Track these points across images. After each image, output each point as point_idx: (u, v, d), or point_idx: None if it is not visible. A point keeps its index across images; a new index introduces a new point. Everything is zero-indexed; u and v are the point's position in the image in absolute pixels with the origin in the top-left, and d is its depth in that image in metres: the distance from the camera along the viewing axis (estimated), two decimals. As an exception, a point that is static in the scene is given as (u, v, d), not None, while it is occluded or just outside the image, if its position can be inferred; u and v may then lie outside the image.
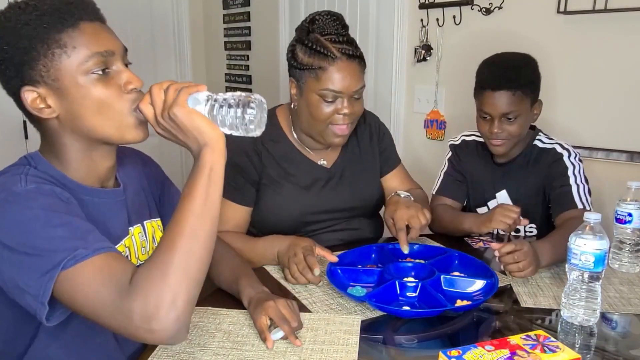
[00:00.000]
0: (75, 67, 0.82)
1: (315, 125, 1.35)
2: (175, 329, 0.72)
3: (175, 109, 0.79)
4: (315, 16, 1.34)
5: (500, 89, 1.43)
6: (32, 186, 0.80)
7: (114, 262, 0.76)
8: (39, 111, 0.84)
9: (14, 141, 2.72)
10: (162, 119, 0.81)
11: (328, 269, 1.21)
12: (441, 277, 1.18)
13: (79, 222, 0.79)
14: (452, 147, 1.68)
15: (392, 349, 1.01)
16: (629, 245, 1.31)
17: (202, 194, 0.78)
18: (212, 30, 3.67)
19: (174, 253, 0.74)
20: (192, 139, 0.81)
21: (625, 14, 1.74)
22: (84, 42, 0.82)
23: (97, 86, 0.83)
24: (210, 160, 0.79)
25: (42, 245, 0.74)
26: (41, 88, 0.83)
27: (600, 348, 1.01)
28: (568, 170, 1.47)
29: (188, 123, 0.79)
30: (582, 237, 1.03)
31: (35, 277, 0.74)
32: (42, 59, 0.81)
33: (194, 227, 0.76)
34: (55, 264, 0.73)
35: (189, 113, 0.80)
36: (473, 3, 2.14)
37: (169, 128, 0.82)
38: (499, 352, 0.85)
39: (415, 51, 2.35)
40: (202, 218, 0.77)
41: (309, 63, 1.30)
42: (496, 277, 1.18)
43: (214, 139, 0.80)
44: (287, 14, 2.98)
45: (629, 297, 1.17)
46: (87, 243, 0.76)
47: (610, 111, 1.85)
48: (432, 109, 2.37)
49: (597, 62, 1.86)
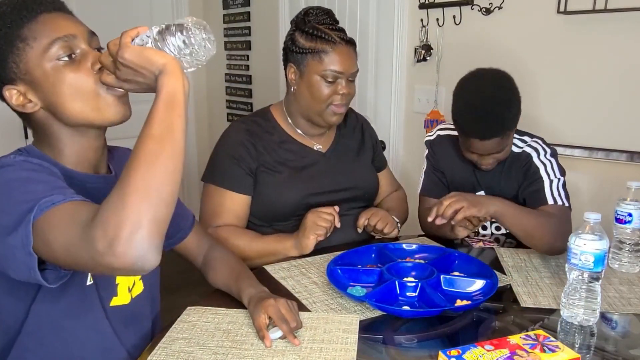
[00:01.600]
0: (40, 56, 0.84)
1: (315, 105, 1.44)
2: (141, 250, 0.68)
3: (121, 51, 0.78)
4: (309, 10, 1.46)
5: (489, 138, 1.34)
6: (20, 158, 0.82)
7: (84, 206, 0.75)
8: (22, 107, 0.87)
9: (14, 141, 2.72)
10: (118, 70, 0.80)
11: (328, 268, 1.21)
12: (441, 277, 1.18)
13: (61, 183, 0.80)
14: (428, 144, 1.63)
15: (392, 348, 1.01)
16: (628, 245, 1.31)
17: (159, 117, 0.74)
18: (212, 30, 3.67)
19: (130, 176, 0.70)
20: (147, 74, 0.78)
21: (625, 14, 1.74)
22: (44, 31, 0.84)
23: (66, 72, 0.85)
24: (167, 84, 0.76)
25: (20, 199, 0.75)
26: (19, 85, 0.86)
27: (600, 348, 1.01)
28: (539, 169, 1.44)
29: (137, 60, 0.77)
30: (582, 237, 1.03)
31: (15, 227, 0.73)
32: (10, 55, 0.84)
33: (152, 149, 0.72)
34: (29, 208, 0.73)
35: (134, 49, 0.77)
36: (473, 3, 2.14)
37: (128, 77, 0.80)
38: (499, 351, 0.85)
39: (415, 51, 2.35)
40: (160, 140, 0.72)
41: (312, 47, 1.40)
42: (496, 277, 1.18)
43: (167, 64, 0.77)
44: (287, 14, 2.98)
45: (628, 297, 1.17)
46: (66, 193, 0.76)
47: (611, 111, 1.85)
48: (432, 109, 2.37)
49: (597, 62, 1.85)
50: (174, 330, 1.01)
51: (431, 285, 1.14)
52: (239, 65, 3.48)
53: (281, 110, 1.54)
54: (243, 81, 3.47)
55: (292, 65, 1.45)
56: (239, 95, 3.54)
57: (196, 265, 1.24)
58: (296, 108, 1.50)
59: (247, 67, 3.42)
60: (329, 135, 1.58)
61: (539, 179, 1.43)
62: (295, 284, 1.22)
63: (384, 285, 1.14)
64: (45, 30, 0.84)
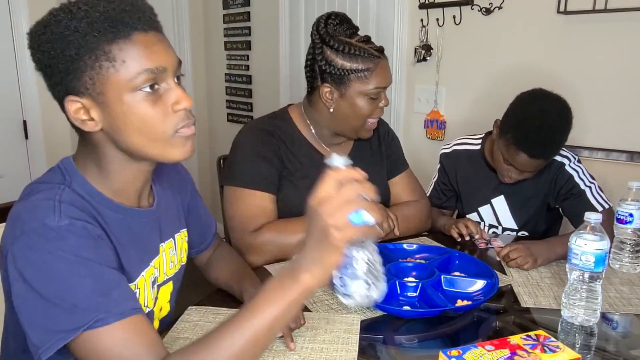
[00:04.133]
0: (123, 83, 0.77)
1: (355, 122, 1.41)
2: None
3: (345, 232, 0.68)
4: (328, 20, 1.36)
5: (538, 158, 1.43)
6: (65, 222, 0.75)
7: (136, 332, 0.73)
8: (81, 123, 0.80)
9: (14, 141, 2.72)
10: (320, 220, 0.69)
11: None
12: (442, 277, 1.18)
13: (106, 272, 0.76)
14: (443, 157, 1.71)
15: (392, 348, 1.01)
16: (629, 245, 1.31)
17: (277, 315, 0.70)
18: (212, 30, 3.67)
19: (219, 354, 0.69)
20: (310, 255, 0.70)
21: (625, 14, 1.74)
22: (135, 56, 0.76)
23: (143, 104, 0.78)
24: (310, 287, 0.70)
25: (63, 295, 0.71)
26: (85, 99, 0.78)
27: (601, 348, 1.01)
28: (573, 177, 1.50)
29: (325, 251, 0.69)
30: (583, 237, 1.03)
31: (46, 329, 0.71)
32: (88, 70, 0.76)
33: (253, 344, 0.70)
34: (73, 326, 0.70)
35: (344, 241, 0.69)
36: (473, 3, 2.14)
37: (314, 227, 0.70)
38: (499, 352, 0.85)
39: (415, 51, 2.35)
40: (265, 338, 0.71)
41: (354, 67, 1.34)
42: (496, 277, 1.18)
43: (325, 273, 0.71)
44: (287, 14, 2.98)
45: (629, 297, 1.17)
46: (111, 302, 0.73)
47: (611, 111, 1.85)
48: (432, 109, 2.37)
49: (597, 62, 1.86)
50: (175, 330, 1.01)
51: (432, 285, 1.14)
52: (239, 65, 3.48)
53: (300, 115, 1.48)
54: (243, 81, 3.47)
55: (329, 85, 1.36)
56: (239, 95, 3.54)
57: (197, 264, 1.24)
58: (326, 124, 1.44)
59: (247, 67, 3.42)
60: (347, 145, 1.53)
61: (576, 186, 1.50)
62: (296, 284, 1.22)
63: None
64: (137, 55, 0.76)
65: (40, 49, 0.77)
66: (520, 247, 1.31)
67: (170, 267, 1.00)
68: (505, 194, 1.60)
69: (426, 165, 2.36)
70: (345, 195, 0.67)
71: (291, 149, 1.44)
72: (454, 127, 2.29)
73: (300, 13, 2.90)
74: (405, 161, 1.65)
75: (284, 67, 3.06)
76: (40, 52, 0.77)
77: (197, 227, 1.15)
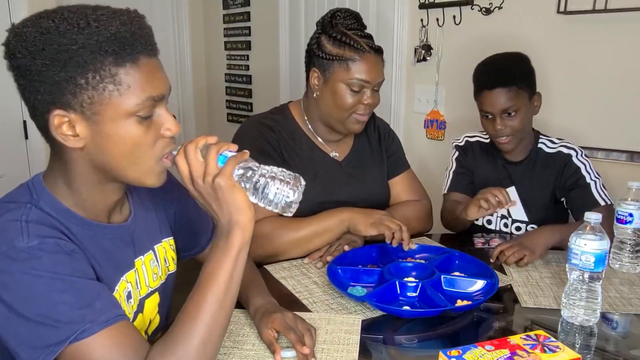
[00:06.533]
0: (124, 108, 0.75)
1: (338, 113, 1.41)
2: None
3: (221, 179, 0.77)
4: (336, 12, 1.40)
5: (495, 87, 1.48)
6: (34, 242, 0.73)
7: (124, 338, 0.74)
8: (63, 138, 0.76)
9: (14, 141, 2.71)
10: (203, 183, 0.78)
11: (328, 268, 1.21)
12: (441, 277, 1.18)
13: (85, 283, 0.75)
14: (458, 148, 1.71)
15: (392, 348, 1.01)
16: (629, 245, 1.31)
17: (226, 277, 0.77)
18: (212, 30, 3.67)
19: (197, 326, 0.75)
20: (225, 213, 0.79)
21: (625, 14, 1.74)
22: (140, 83, 0.75)
23: (138, 129, 0.77)
24: (240, 243, 0.79)
25: (45, 313, 0.70)
26: (74, 115, 0.75)
27: (601, 348, 1.01)
28: (580, 169, 1.51)
29: (229, 198, 0.78)
30: (583, 237, 1.03)
31: (33, 346, 0.71)
32: (90, 90, 0.74)
33: (215, 314, 0.76)
34: (59, 339, 0.70)
35: (232, 187, 0.78)
36: (473, 3, 2.14)
37: (205, 194, 0.79)
38: (499, 352, 0.85)
39: (415, 51, 2.35)
40: (223, 304, 0.77)
41: (339, 54, 1.35)
42: (496, 277, 1.18)
43: (247, 219, 0.79)
44: (287, 14, 2.98)
45: (629, 297, 1.17)
46: (94, 312, 0.72)
47: (611, 111, 1.85)
48: (432, 109, 2.37)
49: (597, 62, 1.86)
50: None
51: (432, 285, 1.14)
52: (239, 65, 3.48)
53: (300, 111, 1.50)
54: (243, 81, 3.47)
55: (316, 70, 1.39)
56: (239, 95, 3.54)
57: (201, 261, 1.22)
58: (316, 113, 1.45)
59: (247, 67, 3.42)
60: (347, 143, 1.54)
61: (582, 178, 1.50)
62: (296, 283, 1.22)
63: (384, 285, 1.14)
64: (142, 82, 0.76)
65: (33, 56, 0.73)
66: (510, 243, 1.33)
67: (154, 279, 0.97)
68: (516, 185, 1.60)
69: (426, 165, 2.37)
70: (205, 158, 0.79)
71: (291, 144, 1.45)
72: (454, 127, 2.29)
73: (300, 13, 2.90)
74: (406, 161, 1.65)
75: (284, 67, 3.06)
76: (32, 58, 0.73)
77: (187, 232, 1.11)
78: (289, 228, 1.34)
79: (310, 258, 1.34)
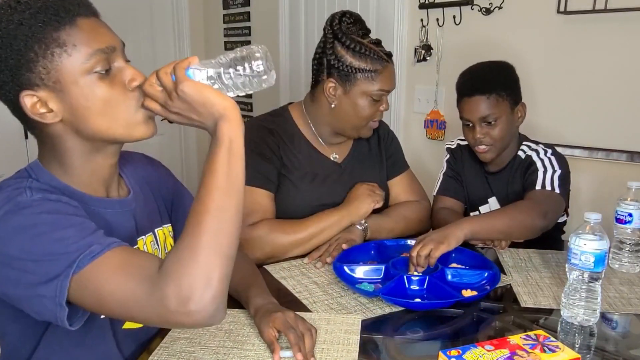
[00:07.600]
0: (78, 66, 0.78)
1: (357, 122, 1.42)
2: (213, 309, 0.70)
3: (183, 86, 0.75)
4: (342, 17, 1.38)
5: (474, 94, 1.47)
6: (38, 196, 0.76)
7: (134, 254, 0.75)
8: (40, 116, 0.79)
9: (14, 141, 2.72)
10: (173, 102, 0.77)
11: (334, 267, 1.23)
12: (446, 270, 1.21)
13: (89, 222, 0.77)
14: (449, 150, 1.71)
15: (392, 348, 1.01)
16: (629, 245, 1.31)
17: (224, 168, 0.74)
18: (212, 30, 3.67)
19: (201, 232, 0.71)
20: (205, 114, 0.77)
21: (625, 14, 1.75)
22: (84, 39, 0.78)
23: (101, 85, 0.80)
24: (228, 132, 0.76)
25: (52, 249, 0.72)
26: (41, 91, 0.78)
27: (600, 348, 1.01)
28: (537, 163, 1.48)
29: (198, 98, 0.76)
30: (582, 237, 1.03)
31: (50, 280, 0.71)
32: (41, 60, 0.76)
33: (220, 203, 0.73)
34: (69, 263, 0.71)
35: (196, 86, 0.76)
36: (473, 3, 2.14)
37: (181, 111, 0.78)
38: (499, 352, 0.85)
39: (415, 51, 2.35)
40: (227, 192, 0.74)
41: (362, 67, 1.36)
42: (496, 267, 1.21)
43: (228, 108, 0.76)
44: (287, 14, 2.98)
45: (629, 297, 1.17)
46: (100, 239, 0.74)
47: (611, 111, 1.85)
48: (432, 109, 2.37)
49: (597, 62, 1.86)
50: (176, 330, 1.01)
51: (437, 278, 1.16)
52: (239, 65, 3.48)
53: (301, 114, 1.49)
54: (243, 81, 3.47)
55: (334, 80, 1.38)
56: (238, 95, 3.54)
57: None
58: (326, 120, 1.45)
59: (247, 67, 3.42)
60: (346, 145, 1.54)
61: (535, 171, 1.47)
62: (296, 283, 1.22)
63: (394, 280, 1.16)
64: (86, 38, 0.78)
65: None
66: (416, 244, 1.23)
67: None
68: (496, 195, 1.59)
69: (426, 165, 2.37)
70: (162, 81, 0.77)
71: (290, 147, 1.44)
72: (454, 127, 2.29)
73: (300, 13, 2.90)
74: (405, 162, 1.65)
75: (284, 67, 3.06)
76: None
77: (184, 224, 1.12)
78: (281, 231, 1.35)
79: (310, 258, 1.34)
